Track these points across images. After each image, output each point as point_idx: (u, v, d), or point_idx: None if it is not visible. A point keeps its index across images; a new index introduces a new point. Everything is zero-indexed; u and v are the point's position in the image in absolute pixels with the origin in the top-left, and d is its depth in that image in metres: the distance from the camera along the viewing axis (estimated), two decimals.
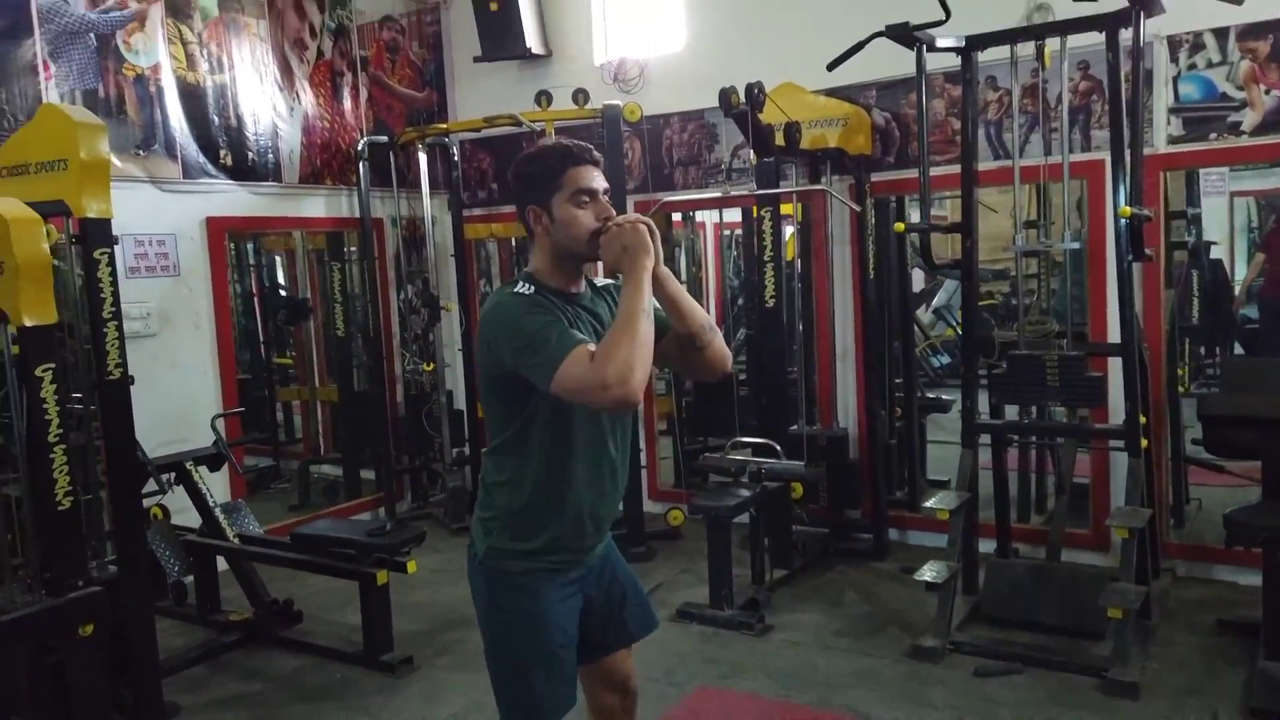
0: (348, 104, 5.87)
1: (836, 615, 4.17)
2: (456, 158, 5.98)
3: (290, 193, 5.56)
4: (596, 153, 2.07)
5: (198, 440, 4.60)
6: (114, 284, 3.41)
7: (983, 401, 4.23)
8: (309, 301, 6.56)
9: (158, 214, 4.89)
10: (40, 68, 4.41)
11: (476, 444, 6.18)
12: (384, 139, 5.89)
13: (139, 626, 3.47)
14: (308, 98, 5.63)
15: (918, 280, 7.97)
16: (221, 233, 5.21)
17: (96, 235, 3.36)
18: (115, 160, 4.62)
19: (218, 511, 4.32)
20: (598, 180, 2.03)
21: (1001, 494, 4.35)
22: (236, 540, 4.25)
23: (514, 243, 6.32)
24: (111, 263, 3.41)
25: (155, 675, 3.54)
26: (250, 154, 5.32)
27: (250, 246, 7.10)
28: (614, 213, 2.03)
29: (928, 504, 3.98)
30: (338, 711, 3.54)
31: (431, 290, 5.86)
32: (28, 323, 2.96)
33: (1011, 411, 4.19)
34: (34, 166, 3.43)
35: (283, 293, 7.23)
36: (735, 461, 4.43)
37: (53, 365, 3.02)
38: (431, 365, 5.90)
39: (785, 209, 4.74)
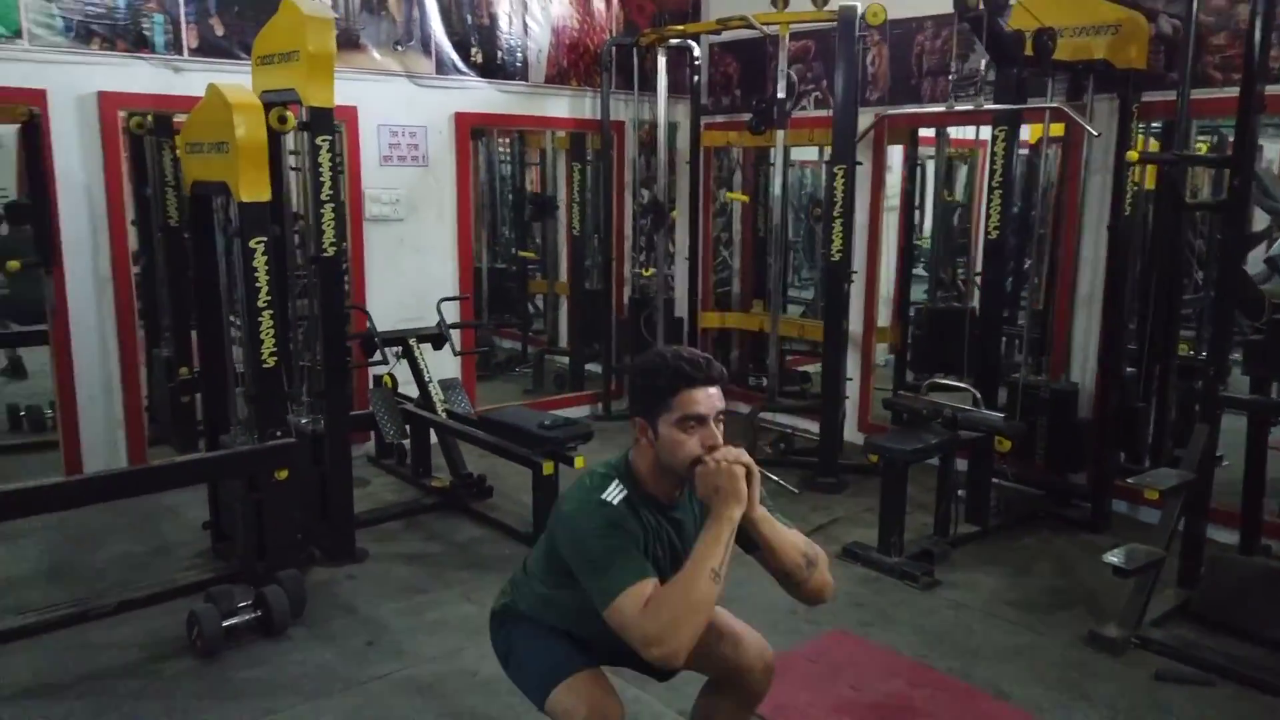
0: (599, 4, 5.91)
1: (1018, 583, 3.81)
2: (699, 61, 5.87)
3: (536, 92, 5.75)
4: (715, 369, 1.95)
5: (432, 320, 4.96)
6: (333, 169, 3.73)
7: None
8: (556, 198, 6.81)
9: (411, 107, 5.26)
10: None
11: None
12: (629, 40, 5.88)
13: (337, 477, 3.90)
14: None
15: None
16: (468, 127, 5.51)
17: (319, 123, 3.68)
18: (375, 54, 5.06)
19: (433, 386, 4.69)
20: (709, 405, 1.92)
21: (1256, 480, 3.70)
22: (444, 415, 4.60)
23: (755, 152, 6.14)
24: (332, 149, 3.73)
25: (349, 521, 3.98)
26: (500, 53, 5.55)
27: (508, 141, 7.47)
28: (720, 443, 1.91)
29: (1135, 480, 3.47)
30: (495, 582, 3.77)
31: (658, 196, 5.86)
32: (245, 199, 3.32)
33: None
34: (276, 57, 3.79)
35: (531, 189, 7.58)
36: (929, 404, 4.10)
37: (265, 239, 3.37)
38: (651, 271, 5.95)
39: (1038, 130, 4.21)
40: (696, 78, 5.90)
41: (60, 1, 4.19)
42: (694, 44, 5.85)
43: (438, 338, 4.89)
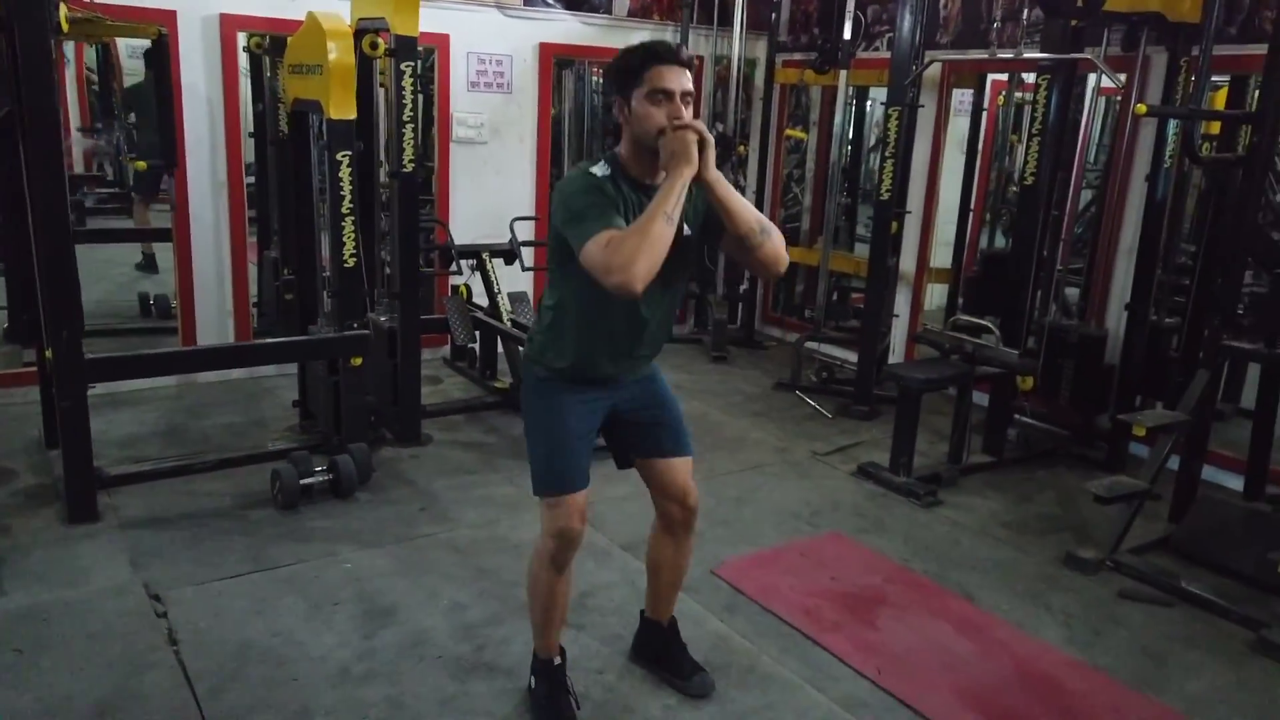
0: None
1: (1017, 509, 4.07)
2: None
3: (618, 25, 6.05)
4: (685, 54, 2.23)
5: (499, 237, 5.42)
6: (414, 92, 4.15)
7: None
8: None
9: (499, 36, 5.64)
10: None
11: (750, 282, 6.52)
12: None
13: (407, 369, 4.41)
14: None
15: None
16: (550, 57, 5.86)
17: (403, 49, 4.10)
18: None
19: (501, 298, 5.15)
20: (676, 81, 2.17)
21: (1264, 429, 3.84)
22: (508, 324, 5.06)
23: (832, 90, 6.30)
24: (414, 74, 4.15)
25: (416, 409, 4.50)
26: None
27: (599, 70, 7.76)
28: (685, 116, 2.16)
29: (1125, 416, 3.67)
30: None
31: (724, 131, 6.11)
32: (333, 116, 3.77)
33: None
34: None
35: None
36: (951, 338, 4.34)
37: (349, 152, 3.84)
38: None
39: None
40: (775, 15, 6.08)
41: None
42: None
43: (509, 253, 5.33)
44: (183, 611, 2.98)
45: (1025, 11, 4.86)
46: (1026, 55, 4.07)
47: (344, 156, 3.82)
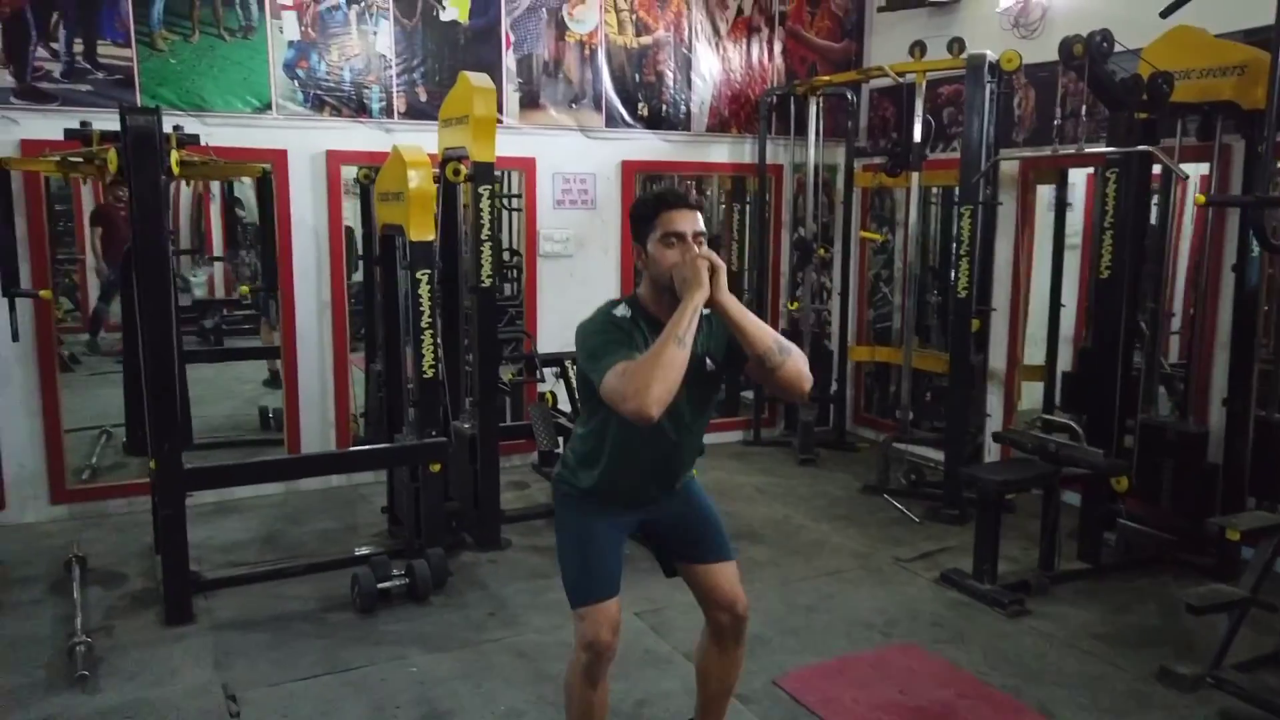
0: (761, 57, 6.37)
1: (1112, 620, 3.83)
2: (855, 106, 6.18)
3: (697, 140, 6.28)
4: (692, 198, 2.38)
5: None
6: (492, 212, 4.42)
7: None
8: (720, 238, 7.29)
9: (582, 157, 5.94)
10: (503, 40, 5.62)
11: (838, 383, 6.48)
12: (786, 90, 6.28)
13: (487, 474, 4.55)
14: (722, 53, 6.25)
15: None
16: (633, 173, 6.12)
17: (481, 175, 4.38)
18: (552, 111, 5.78)
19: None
20: (686, 224, 2.30)
21: None
22: None
23: (920, 191, 6.34)
24: (491, 197, 4.42)
25: (495, 513, 4.62)
26: (665, 105, 6.13)
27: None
28: (695, 252, 2.28)
29: (1217, 519, 3.44)
30: None
31: (803, 235, 6.19)
32: (414, 238, 4.05)
33: None
34: (454, 120, 4.55)
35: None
36: (1033, 438, 4.20)
37: (429, 270, 4.09)
38: (796, 304, 6.28)
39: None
40: (851, 122, 6.21)
41: (301, 80, 5.19)
42: (849, 92, 6.17)
43: None
44: (254, 712, 3.10)
45: (1084, 107, 4.84)
46: (1088, 150, 4.02)
47: (423, 275, 4.07)
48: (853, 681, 3.30)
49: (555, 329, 5.87)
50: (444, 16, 5.46)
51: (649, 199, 2.38)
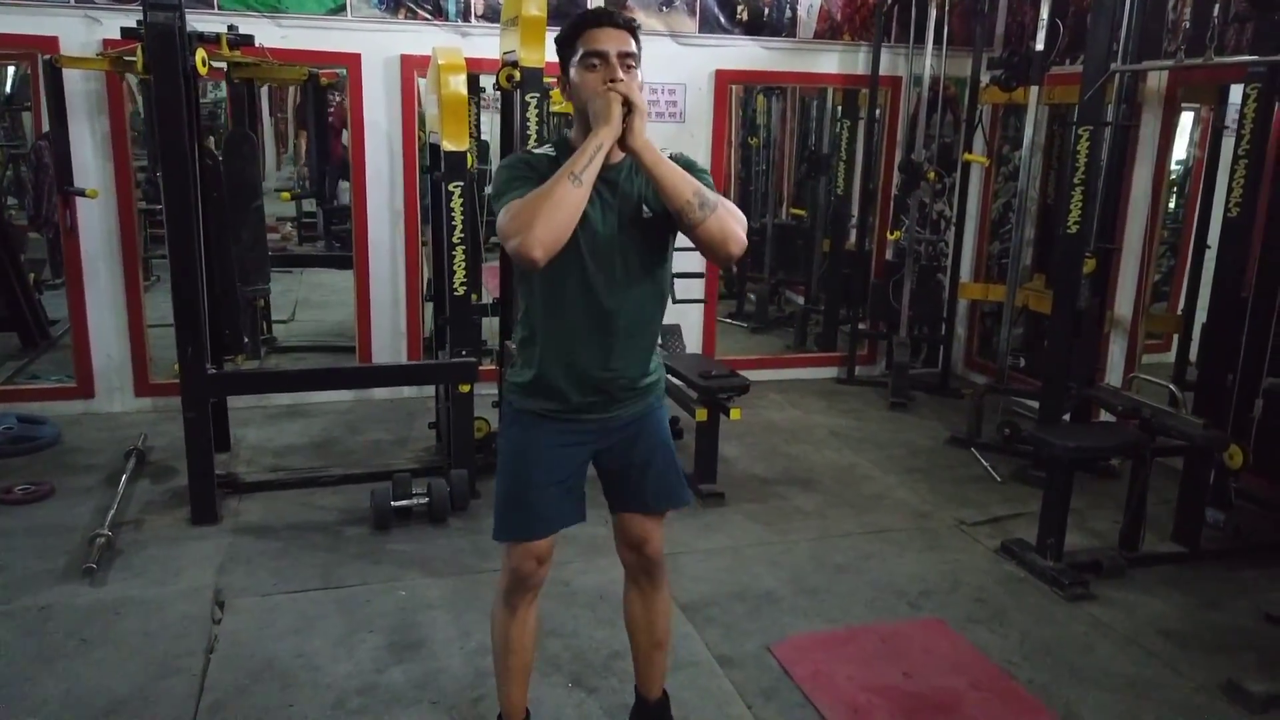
0: None
1: (1192, 617, 3.28)
2: (986, 9, 5.46)
3: (802, 48, 5.73)
4: (624, 17, 2.03)
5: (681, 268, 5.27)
6: (539, 122, 4.14)
7: None
8: (831, 157, 6.72)
9: (672, 65, 5.54)
10: None
11: (945, 322, 5.91)
12: None
13: None
14: None
15: None
16: (727, 84, 5.67)
17: (529, 81, 4.10)
18: (640, 14, 5.39)
19: None
20: (611, 43, 1.98)
21: None
22: None
23: (1040, 110, 5.58)
24: (540, 105, 4.14)
25: None
26: (766, 9, 5.61)
27: (788, 98, 7.44)
28: (621, 77, 1.97)
29: None
30: None
31: (911, 157, 5.58)
32: (447, 147, 3.85)
33: None
34: (511, 22, 4.27)
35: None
36: (1126, 399, 3.62)
37: (461, 183, 3.89)
38: (898, 234, 5.71)
39: None
40: (980, 27, 5.49)
41: None
42: None
43: None
44: (235, 620, 3.11)
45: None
46: (1216, 60, 3.31)
47: (455, 187, 3.88)
48: (855, 656, 2.97)
49: None
50: None
51: (572, 21, 2.06)
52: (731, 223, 1.99)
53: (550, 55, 4.10)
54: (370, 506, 3.83)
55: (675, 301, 5.23)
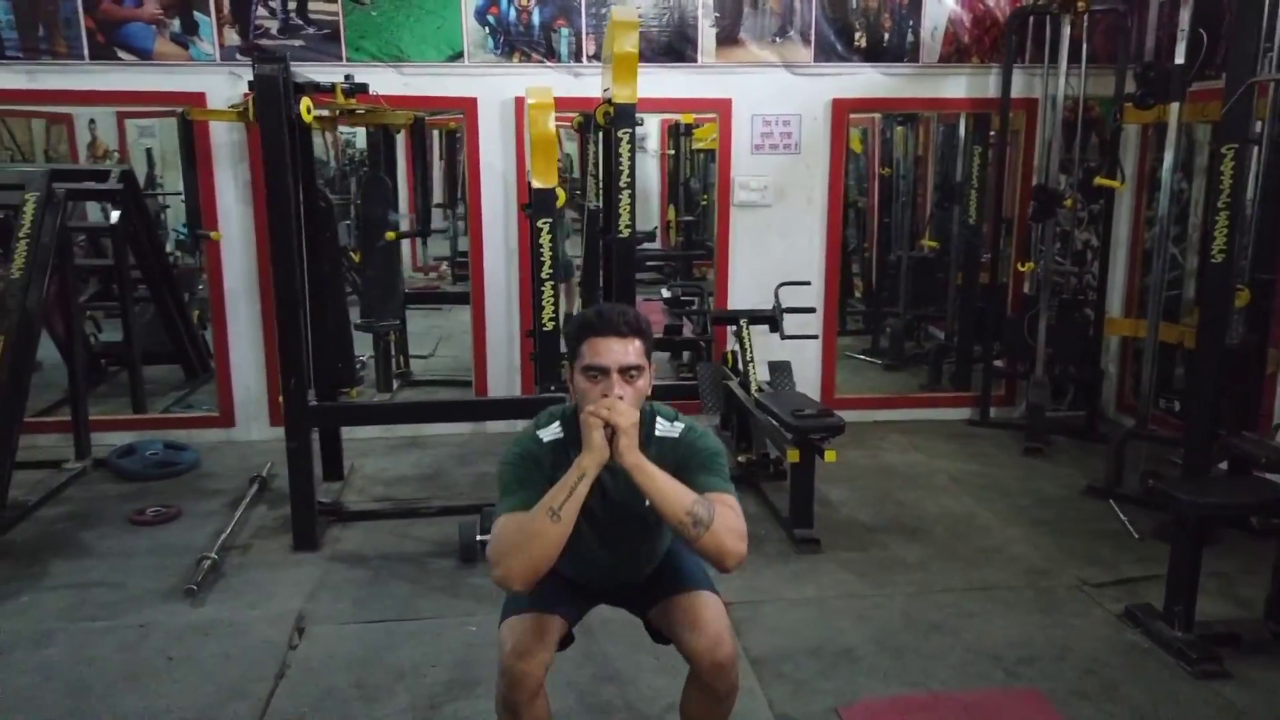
0: None
1: None
2: (1132, 23, 5.04)
3: (925, 72, 5.48)
4: (625, 322, 2.00)
5: (795, 302, 5.14)
6: (631, 159, 4.13)
7: None
8: (963, 185, 6.36)
9: (786, 96, 5.42)
10: None
11: (1092, 360, 5.44)
12: (1044, 5, 5.26)
13: None
14: None
15: None
16: (844, 113, 5.49)
17: (621, 117, 4.10)
18: (753, 48, 5.34)
19: (753, 366, 4.88)
20: (610, 356, 1.98)
21: None
22: (756, 394, 4.77)
23: (1181, 129, 5.09)
24: (631, 141, 4.13)
25: None
26: (886, 34, 5.40)
27: (921, 126, 7.12)
28: (612, 397, 1.95)
29: None
30: None
31: (1043, 182, 5.18)
32: (536, 184, 3.88)
33: None
34: (608, 59, 4.29)
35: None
36: (1272, 449, 3.18)
37: (550, 219, 3.91)
38: (1030, 265, 5.31)
39: None
40: (1126, 41, 5.08)
41: (492, 26, 5.20)
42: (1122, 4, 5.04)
43: (770, 320, 5.05)
44: (310, 647, 3.19)
45: None
46: None
47: (544, 223, 3.91)
48: None
49: (749, 286, 5.49)
50: None
51: (575, 320, 2.09)
52: (728, 541, 1.95)
53: (643, 91, 4.16)
54: (457, 539, 3.87)
55: (785, 338, 5.08)
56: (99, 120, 8.23)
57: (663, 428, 2.13)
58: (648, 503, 2.00)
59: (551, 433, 2.10)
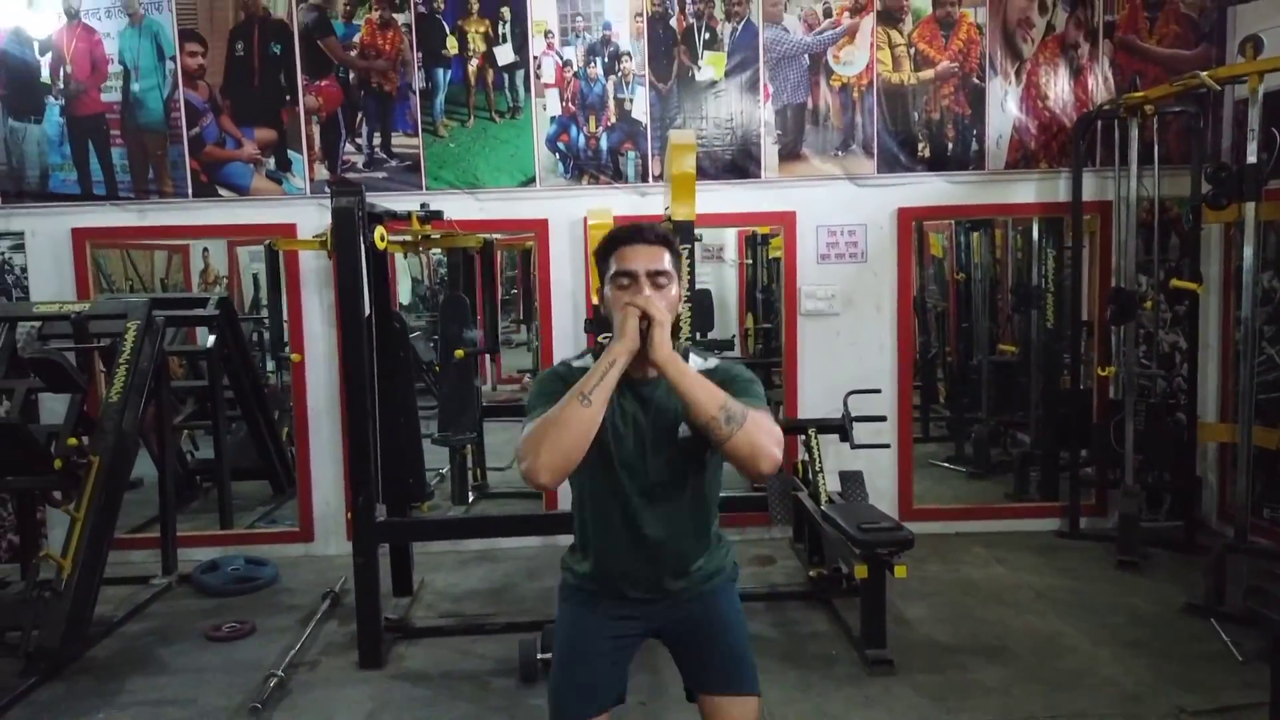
0: (1080, 78, 5.40)
1: None
2: (1206, 124, 4.98)
3: (992, 180, 5.47)
4: (656, 232, 2.04)
5: (868, 411, 5.06)
6: (691, 272, 4.19)
7: None
8: (1039, 289, 6.24)
9: (850, 207, 5.47)
10: (761, 90, 5.40)
11: (1183, 467, 5.17)
12: (1111, 111, 5.23)
13: None
14: (1027, 79, 5.41)
15: None
16: (910, 221, 5.50)
17: (681, 234, 4.19)
18: (815, 162, 5.44)
19: (822, 476, 4.79)
20: (640, 262, 2.01)
21: None
22: (824, 505, 4.67)
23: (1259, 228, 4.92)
24: (690, 256, 4.20)
25: None
26: (950, 144, 5.43)
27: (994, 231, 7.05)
28: (646, 298, 1.98)
29: None
30: (799, 678, 3.75)
31: (1122, 284, 5.05)
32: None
33: None
34: (666, 178, 4.43)
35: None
36: None
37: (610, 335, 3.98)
38: (1111, 369, 5.12)
39: None
40: (1201, 141, 5.00)
41: (562, 152, 5.44)
42: (1193, 107, 4.97)
43: (840, 429, 4.97)
44: None
45: None
46: None
47: (604, 339, 3.97)
48: None
49: (818, 395, 5.44)
50: (699, 76, 5.39)
51: (606, 236, 2.11)
52: (762, 438, 1.91)
53: (708, 206, 4.25)
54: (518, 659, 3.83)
55: (855, 447, 4.99)
56: (211, 249, 8.81)
57: (697, 363, 2.09)
58: (685, 431, 1.97)
59: (581, 362, 2.11)
